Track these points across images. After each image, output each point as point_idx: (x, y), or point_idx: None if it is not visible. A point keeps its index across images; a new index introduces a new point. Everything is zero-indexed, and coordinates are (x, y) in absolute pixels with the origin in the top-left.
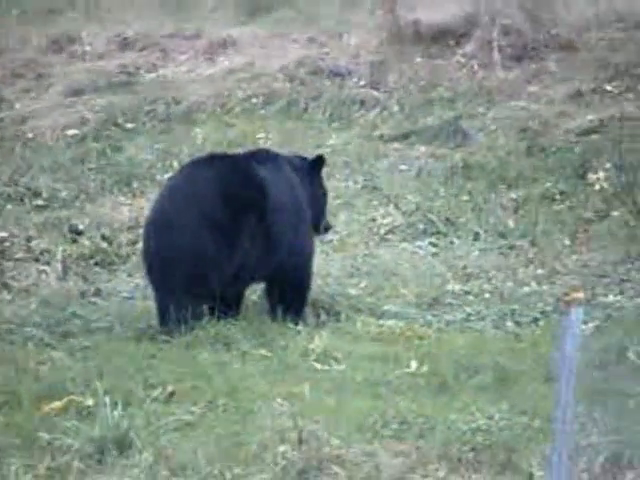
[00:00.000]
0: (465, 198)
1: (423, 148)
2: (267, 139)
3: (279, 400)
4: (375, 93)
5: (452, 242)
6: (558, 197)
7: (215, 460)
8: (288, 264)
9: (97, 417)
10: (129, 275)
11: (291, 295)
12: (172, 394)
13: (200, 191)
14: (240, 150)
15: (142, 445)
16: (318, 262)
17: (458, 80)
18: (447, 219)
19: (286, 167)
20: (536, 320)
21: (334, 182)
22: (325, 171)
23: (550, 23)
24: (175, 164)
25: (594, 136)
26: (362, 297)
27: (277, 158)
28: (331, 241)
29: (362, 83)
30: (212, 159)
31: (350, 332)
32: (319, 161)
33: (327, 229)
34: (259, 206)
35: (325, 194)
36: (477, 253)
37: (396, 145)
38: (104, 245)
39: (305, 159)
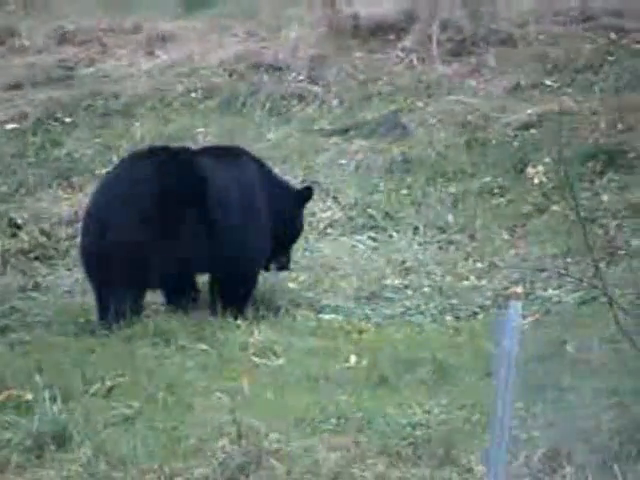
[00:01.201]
0: (404, 192)
1: (362, 142)
2: (206, 133)
3: (218, 394)
4: (314, 87)
5: (391, 236)
6: (497, 191)
7: (154, 455)
8: (233, 261)
9: (36, 411)
10: (68, 269)
11: (234, 292)
12: (111, 389)
13: (136, 185)
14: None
15: (81, 439)
16: None
17: (397, 74)
18: (386, 213)
19: (250, 168)
20: (475, 314)
21: None
22: None
23: (489, 18)
24: (114, 158)
25: (533, 130)
26: (301, 291)
27: (241, 157)
28: None
29: (301, 77)
30: (150, 153)
31: (289, 326)
32: (305, 192)
33: (281, 268)
34: (198, 201)
35: (299, 230)
36: (416, 247)
37: (335, 139)
38: (43, 239)
39: (289, 186)
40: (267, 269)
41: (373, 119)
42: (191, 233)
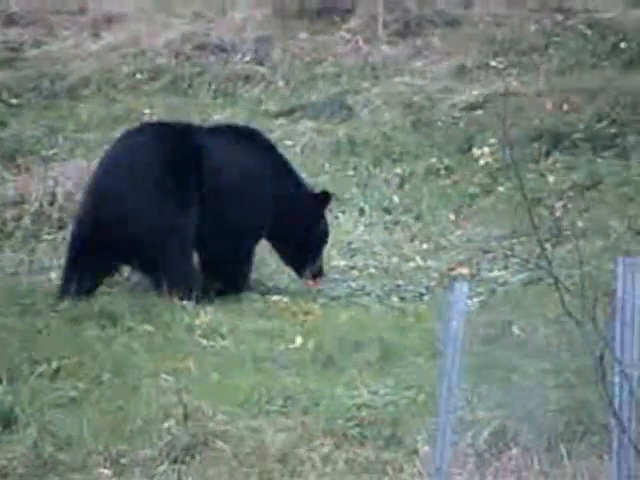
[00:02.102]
0: (350, 173)
1: (308, 123)
2: (152, 115)
3: (164, 376)
4: (260, 69)
5: (337, 217)
6: (443, 172)
7: (100, 436)
8: (224, 235)
9: None
10: (14, 251)
11: (225, 268)
12: (57, 370)
13: (138, 159)
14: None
15: (27, 421)
16: None
17: (343, 56)
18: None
19: (255, 151)
20: (421, 295)
21: None
22: None
23: None
24: (60, 140)
25: (479, 112)
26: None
27: (248, 134)
28: None
29: (247, 59)
30: (148, 126)
31: (235, 308)
32: (321, 196)
33: (315, 276)
34: (194, 171)
35: (325, 236)
36: (362, 228)
37: (281, 121)
38: None
39: (301, 182)
40: (300, 276)
41: (319, 100)
42: (193, 204)
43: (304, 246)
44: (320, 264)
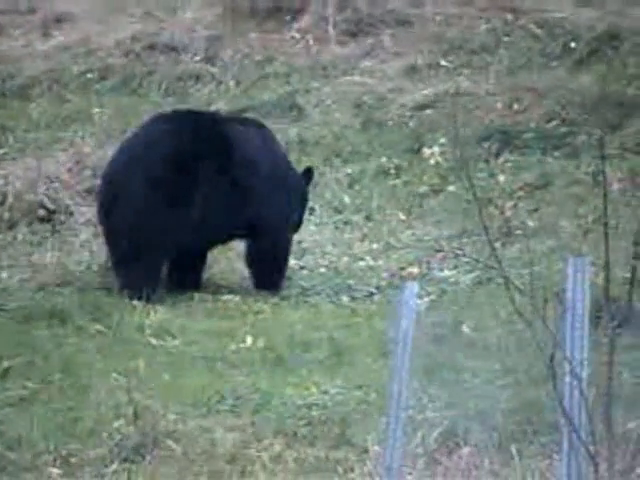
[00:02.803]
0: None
1: None
2: (102, 114)
3: (115, 375)
4: (211, 68)
5: None
6: (393, 172)
7: (50, 436)
8: (263, 227)
9: None
10: None
11: (267, 261)
12: (7, 370)
13: (150, 150)
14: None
15: None
16: None
17: (293, 55)
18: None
19: (272, 139)
20: (371, 295)
21: None
22: None
23: None
24: (10, 139)
25: (429, 111)
26: None
27: (263, 127)
28: None
29: (197, 58)
30: (174, 114)
31: (186, 307)
32: (309, 172)
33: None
34: (219, 159)
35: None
36: (312, 228)
37: None
38: None
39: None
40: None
41: (269, 100)
42: (211, 192)
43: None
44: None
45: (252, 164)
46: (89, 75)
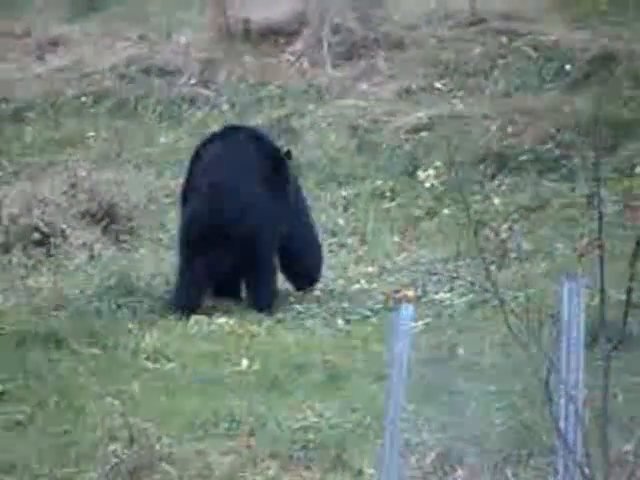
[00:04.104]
0: None
1: None
2: (97, 137)
3: (110, 399)
4: (205, 91)
5: None
6: (388, 195)
7: (46, 459)
8: (301, 236)
9: None
10: None
11: (304, 268)
12: (2, 393)
13: (247, 156)
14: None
15: None
16: (147, 260)
17: (288, 78)
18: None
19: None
20: (367, 318)
21: (165, 180)
22: (156, 170)
23: (380, 21)
24: (5, 163)
25: (424, 134)
26: None
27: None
28: (162, 239)
29: (192, 82)
30: (234, 130)
31: (181, 330)
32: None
33: None
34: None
35: None
36: None
37: None
38: None
39: None
40: None
41: (264, 123)
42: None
43: None
44: None
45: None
46: (83, 99)
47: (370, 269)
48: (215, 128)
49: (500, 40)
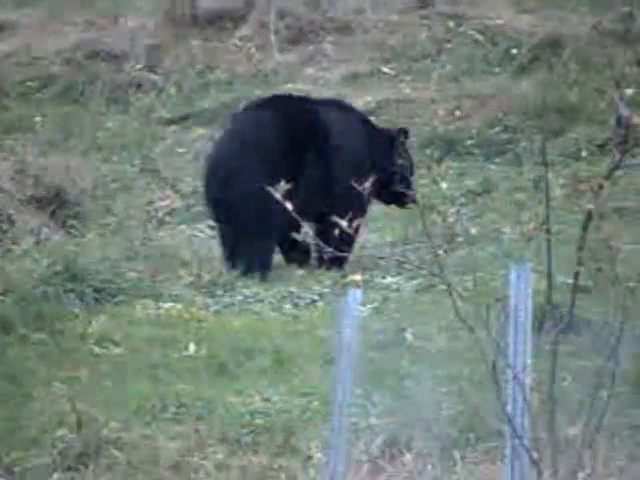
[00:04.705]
0: None
1: (201, 131)
2: (44, 122)
3: (58, 384)
4: (152, 76)
5: None
6: None
7: None
8: (340, 208)
9: None
10: None
11: (336, 240)
12: None
13: (260, 133)
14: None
15: None
16: (94, 245)
17: (235, 63)
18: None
19: (356, 120)
20: (314, 302)
21: (112, 166)
22: (103, 155)
23: (326, 5)
24: None
25: (371, 118)
26: (140, 280)
27: (349, 110)
28: (110, 224)
29: (139, 66)
30: (274, 100)
31: (129, 315)
32: (401, 133)
33: (413, 200)
34: (317, 143)
35: (412, 165)
36: None
37: (174, 128)
38: None
39: (388, 130)
40: (404, 205)
41: (211, 107)
42: (310, 176)
43: (397, 179)
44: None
45: (340, 149)
46: (30, 83)
47: (314, 254)
48: (162, 113)
49: (447, 24)
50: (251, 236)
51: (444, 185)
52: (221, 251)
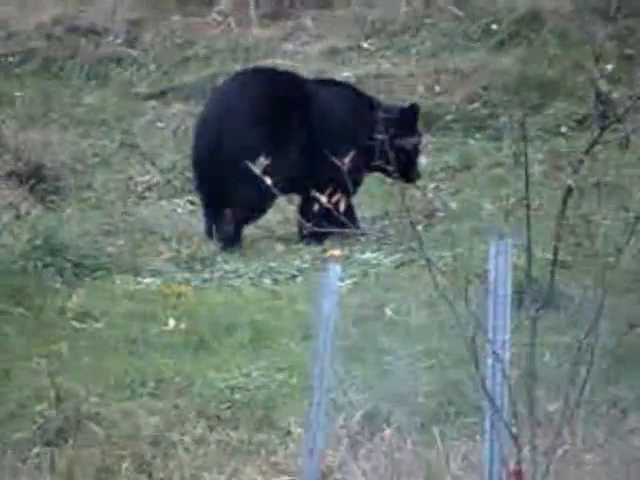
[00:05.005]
0: None
1: (180, 106)
2: (23, 97)
3: (37, 359)
4: (132, 51)
5: None
6: None
7: None
8: (326, 177)
9: None
10: None
11: (315, 215)
12: None
13: (248, 94)
14: None
15: None
16: (74, 219)
17: (214, 38)
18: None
19: (352, 96)
20: (294, 277)
21: (91, 140)
22: (83, 130)
23: None
24: None
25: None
26: (120, 255)
27: (343, 85)
28: (89, 198)
29: (118, 41)
30: (260, 70)
31: (108, 290)
32: (411, 109)
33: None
34: (302, 111)
35: (419, 141)
36: None
37: (153, 103)
38: None
39: (396, 106)
40: (412, 181)
41: (191, 83)
42: (295, 143)
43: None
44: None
45: (327, 121)
46: (10, 58)
47: (297, 229)
48: (142, 88)
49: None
50: (237, 203)
51: (423, 160)
52: (203, 222)
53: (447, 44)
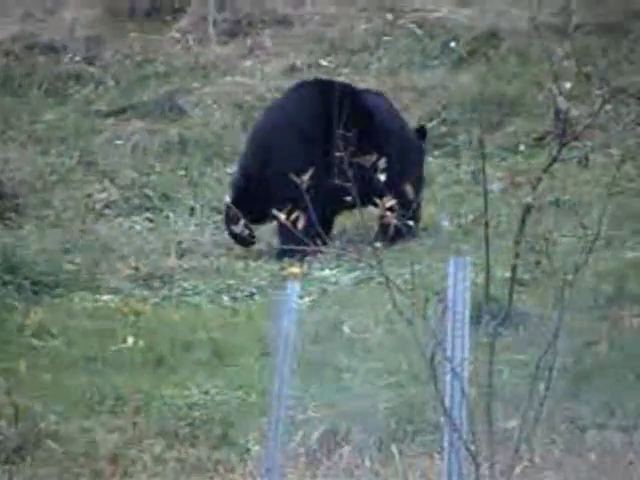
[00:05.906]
0: (181, 173)
1: (139, 123)
2: None
3: None
4: (91, 68)
5: (168, 217)
6: None
7: None
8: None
9: None
10: None
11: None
12: None
13: (301, 109)
14: None
15: None
16: (32, 237)
17: (173, 55)
18: (163, 194)
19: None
20: (252, 295)
21: (50, 158)
22: (42, 147)
23: None
24: None
25: None
26: (79, 273)
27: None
28: (48, 216)
29: (77, 58)
30: (319, 82)
31: (66, 308)
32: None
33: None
34: (364, 126)
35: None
36: (193, 228)
37: (112, 120)
38: None
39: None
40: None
41: (149, 100)
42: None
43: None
44: None
45: (389, 133)
46: None
47: (255, 247)
48: (100, 105)
49: (385, 17)
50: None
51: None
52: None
53: (406, 62)
